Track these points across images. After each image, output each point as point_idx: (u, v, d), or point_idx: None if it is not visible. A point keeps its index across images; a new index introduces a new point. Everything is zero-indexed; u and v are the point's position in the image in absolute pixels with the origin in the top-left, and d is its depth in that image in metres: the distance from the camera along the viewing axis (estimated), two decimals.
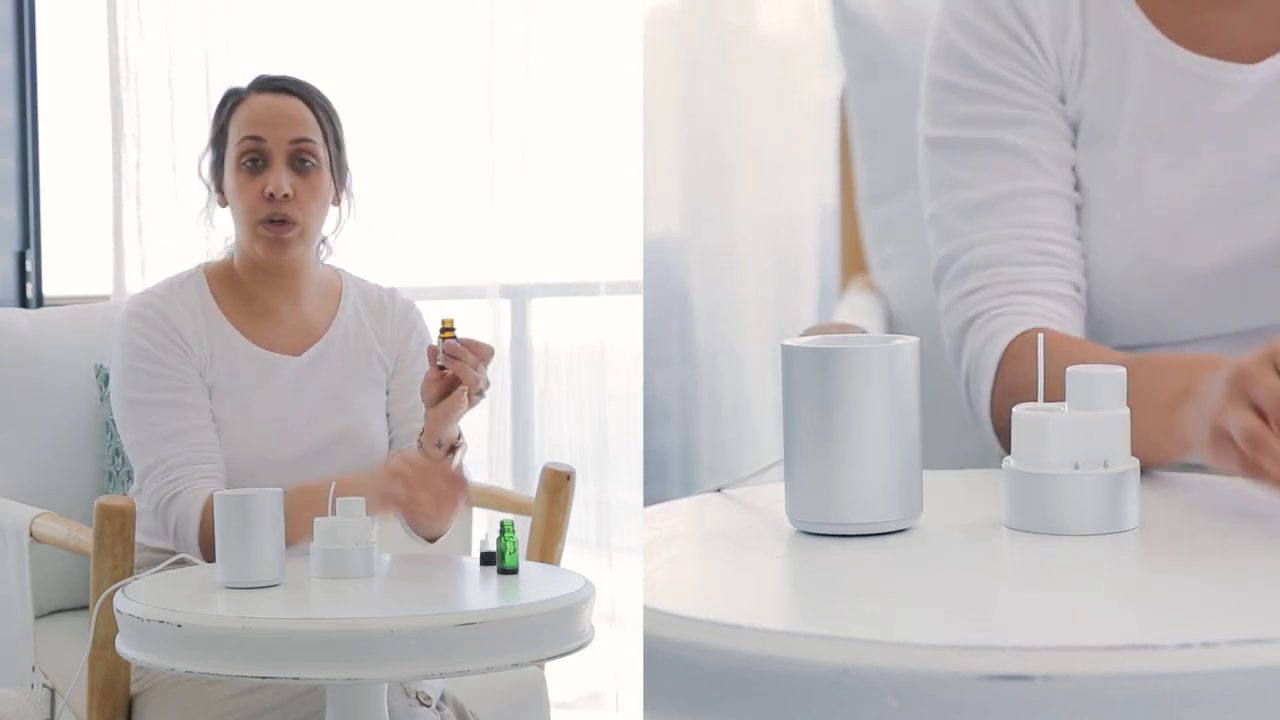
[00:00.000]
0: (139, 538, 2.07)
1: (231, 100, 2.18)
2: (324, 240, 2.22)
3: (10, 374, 2.47)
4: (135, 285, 3.07)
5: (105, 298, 3.07)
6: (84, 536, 2.05)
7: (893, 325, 2.30)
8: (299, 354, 2.18)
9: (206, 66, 3.13)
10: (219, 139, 2.17)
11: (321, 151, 2.15)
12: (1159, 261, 1.72)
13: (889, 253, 2.35)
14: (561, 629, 1.74)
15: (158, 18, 3.13)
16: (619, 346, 3.18)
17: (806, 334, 1.64)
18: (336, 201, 2.20)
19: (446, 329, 1.96)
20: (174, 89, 3.12)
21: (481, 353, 1.97)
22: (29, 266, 3.14)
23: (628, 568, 3.16)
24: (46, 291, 3.16)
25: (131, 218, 3.11)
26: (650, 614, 1.11)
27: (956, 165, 1.80)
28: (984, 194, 1.78)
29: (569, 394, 3.20)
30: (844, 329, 1.89)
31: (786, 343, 1.33)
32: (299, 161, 2.13)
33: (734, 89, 3.20)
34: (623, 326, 3.18)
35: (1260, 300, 1.74)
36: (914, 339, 1.33)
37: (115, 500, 1.98)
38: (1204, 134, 1.72)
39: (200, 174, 2.21)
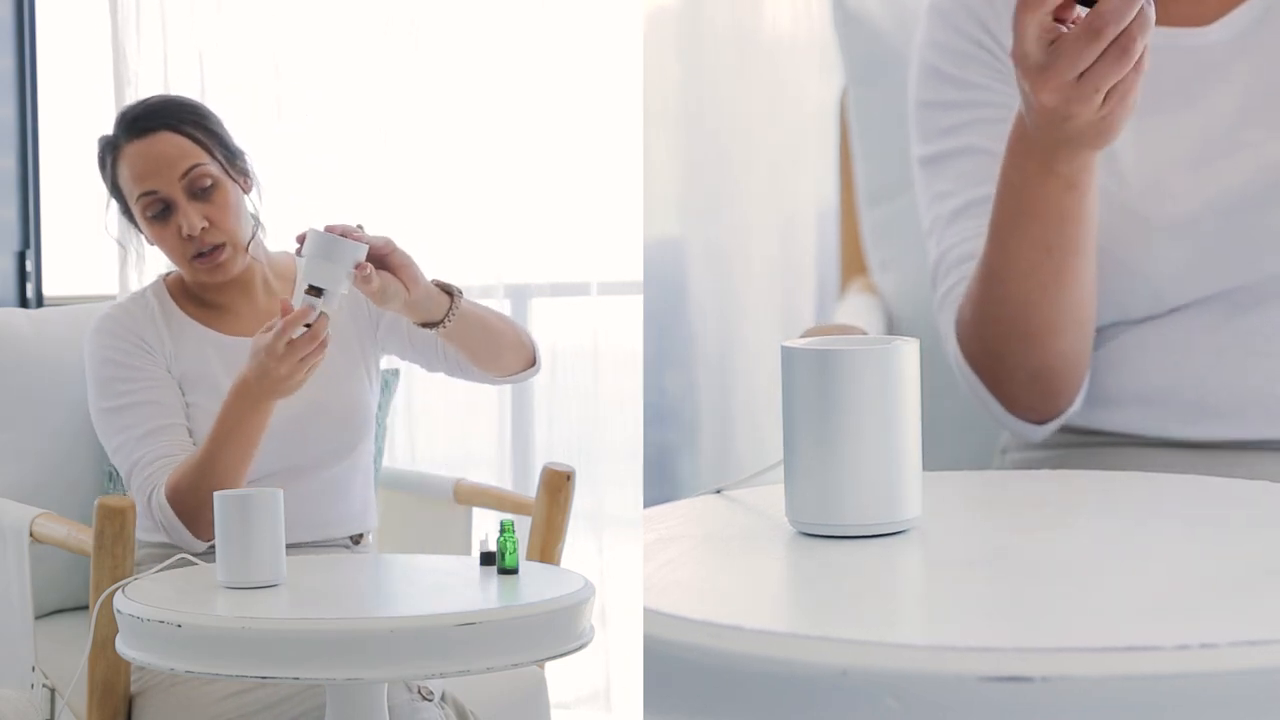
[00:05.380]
0: (139, 534, 2.08)
1: (109, 154, 2.21)
2: (257, 228, 2.25)
3: (10, 374, 2.47)
4: (137, 284, 3.07)
5: (111, 297, 3.07)
6: (84, 536, 2.06)
7: (892, 326, 2.31)
8: None
9: (201, 68, 3.13)
10: (116, 192, 2.22)
11: (213, 168, 2.17)
12: (1139, 215, 1.76)
13: (888, 254, 2.36)
14: (561, 629, 1.74)
15: (155, 21, 3.13)
16: (620, 346, 3.18)
17: (806, 335, 1.64)
18: (247, 189, 2.23)
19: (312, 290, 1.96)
20: (170, 91, 3.12)
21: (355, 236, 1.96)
22: (29, 266, 3.14)
23: (625, 569, 3.16)
24: (46, 291, 3.16)
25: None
26: (650, 615, 1.11)
27: (940, 178, 1.87)
28: (962, 200, 1.85)
29: (570, 394, 3.20)
30: (844, 330, 1.90)
31: (786, 344, 1.33)
32: (199, 191, 2.16)
33: (734, 89, 3.20)
34: (623, 326, 3.18)
35: (1245, 247, 1.77)
36: (914, 340, 1.33)
37: (115, 500, 1.98)
38: (1168, 98, 1.77)
39: (107, 229, 2.28)
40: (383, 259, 1.96)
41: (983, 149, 1.83)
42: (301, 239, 1.95)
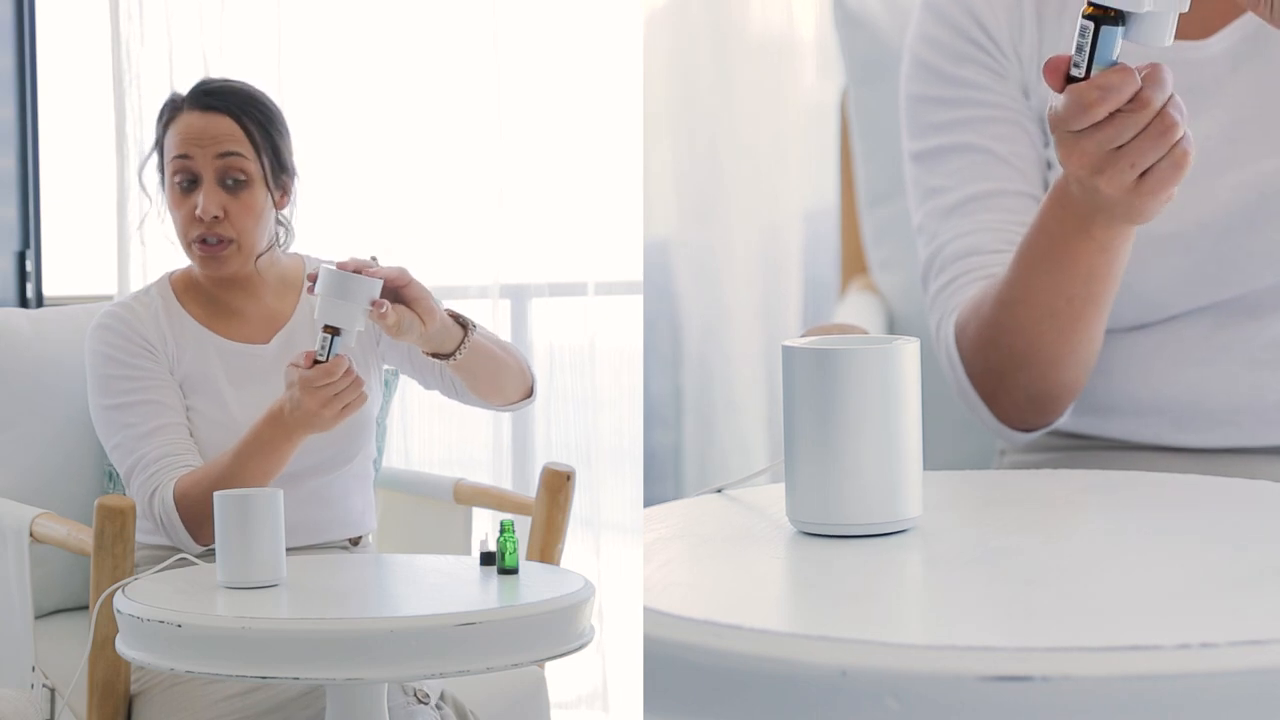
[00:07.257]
0: (138, 536, 2.07)
1: (168, 111, 2.20)
2: (285, 230, 2.25)
3: (10, 374, 2.47)
4: (138, 286, 3.07)
5: (111, 297, 3.07)
6: (84, 536, 2.05)
7: (892, 326, 2.31)
8: (267, 342, 2.21)
9: (205, 69, 3.13)
10: (160, 147, 2.20)
11: (252, 166, 2.16)
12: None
13: (889, 253, 2.36)
14: (561, 629, 1.74)
15: (159, 21, 3.13)
16: (619, 347, 3.18)
17: (807, 334, 1.64)
18: (280, 205, 2.21)
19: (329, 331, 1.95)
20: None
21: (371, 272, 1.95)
22: (29, 266, 3.14)
23: (623, 568, 3.16)
24: (46, 291, 3.16)
25: (135, 219, 3.12)
26: (650, 615, 1.11)
27: (934, 174, 1.86)
28: (958, 196, 1.84)
29: (569, 394, 3.20)
30: (844, 330, 1.90)
31: (787, 343, 1.33)
32: (229, 180, 2.15)
33: (733, 90, 3.20)
34: (623, 327, 3.18)
35: (1238, 260, 1.77)
36: (914, 340, 1.33)
37: (115, 500, 1.98)
38: None
39: (141, 182, 2.24)
40: (398, 291, 1.95)
41: (978, 146, 1.83)
42: (313, 278, 1.94)
